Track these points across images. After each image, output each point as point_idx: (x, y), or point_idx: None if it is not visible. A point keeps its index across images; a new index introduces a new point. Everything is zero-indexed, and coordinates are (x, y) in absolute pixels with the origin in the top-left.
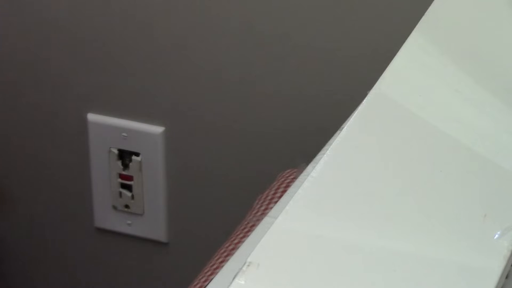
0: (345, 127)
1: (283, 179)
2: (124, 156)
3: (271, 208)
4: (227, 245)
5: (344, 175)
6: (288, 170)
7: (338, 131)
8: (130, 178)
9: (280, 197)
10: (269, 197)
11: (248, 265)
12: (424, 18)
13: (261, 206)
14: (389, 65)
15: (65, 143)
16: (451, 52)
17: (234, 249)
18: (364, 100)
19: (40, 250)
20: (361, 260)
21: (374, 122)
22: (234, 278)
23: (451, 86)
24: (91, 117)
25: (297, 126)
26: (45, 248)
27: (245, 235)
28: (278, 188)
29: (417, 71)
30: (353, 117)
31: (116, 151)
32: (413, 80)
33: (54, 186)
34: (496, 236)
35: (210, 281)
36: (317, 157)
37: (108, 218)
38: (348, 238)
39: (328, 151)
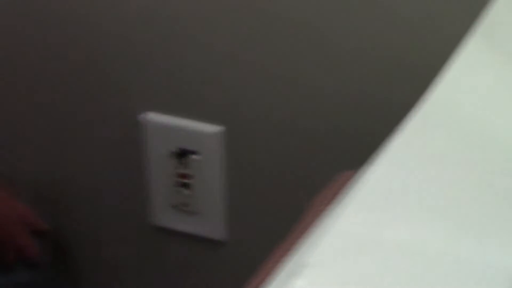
0: (402, 129)
1: (339, 181)
2: (183, 154)
3: (327, 209)
4: (283, 245)
5: (402, 178)
6: (345, 172)
7: (394, 133)
8: (188, 176)
9: (336, 198)
10: (325, 198)
11: (307, 266)
12: (481, 20)
13: (317, 207)
14: (446, 67)
15: (125, 141)
16: (511, 55)
17: (291, 249)
18: (421, 103)
19: (98, 248)
20: (421, 263)
21: (431, 126)
22: (293, 278)
23: (511, 90)
24: (151, 116)
25: (355, 127)
26: (103, 246)
27: (302, 236)
28: (334, 190)
29: (475, 74)
30: (409, 120)
31: (175, 150)
32: (471, 83)
33: (113, 184)
34: None
35: (268, 281)
36: (374, 159)
37: (166, 216)
38: (407, 240)
39: (385, 154)
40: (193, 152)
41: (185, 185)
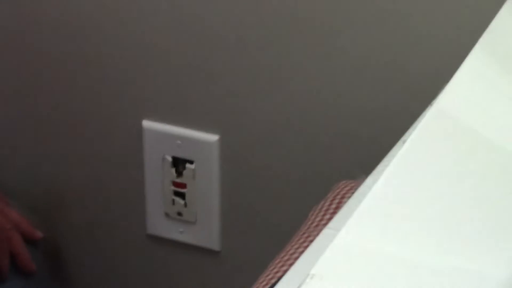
0: (408, 140)
1: (338, 190)
2: (178, 163)
3: (327, 219)
4: (282, 255)
5: (408, 189)
6: (344, 182)
7: (399, 143)
8: (183, 185)
9: (335, 208)
10: (324, 208)
11: (312, 278)
12: (486, 34)
13: (316, 217)
14: (451, 79)
15: (120, 149)
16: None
17: (290, 259)
18: (426, 114)
19: (93, 256)
20: (425, 277)
21: (436, 137)
22: None
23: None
24: (146, 124)
25: (352, 137)
26: (98, 254)
27: (301, 246)
28: (333, 200)
29: (479, 86)
30: (415, 131)
31: (170, 159)
32: (475, 95)
33: (108, 191)
34: None
35: None
36: (378, 169)
37: (160, 225)
38: (412, 254)
39: (391, 164)
40: (188, 161)
41: (180, 194)
